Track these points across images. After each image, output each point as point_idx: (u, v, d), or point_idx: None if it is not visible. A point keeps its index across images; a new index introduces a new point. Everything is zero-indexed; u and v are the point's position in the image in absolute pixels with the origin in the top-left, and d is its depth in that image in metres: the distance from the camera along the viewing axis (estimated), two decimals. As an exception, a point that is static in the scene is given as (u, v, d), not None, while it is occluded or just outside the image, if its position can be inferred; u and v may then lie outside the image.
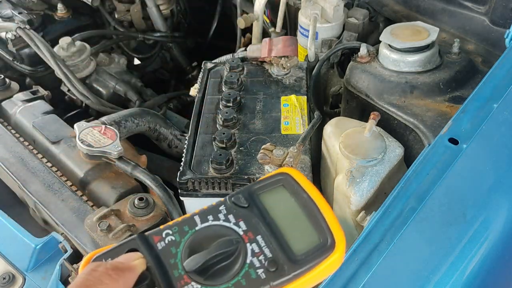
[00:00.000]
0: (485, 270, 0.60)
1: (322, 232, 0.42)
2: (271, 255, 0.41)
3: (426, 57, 0.93)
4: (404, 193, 0.64)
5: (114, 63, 1.53)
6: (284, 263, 0.40)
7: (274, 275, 0.40)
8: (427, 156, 0.68)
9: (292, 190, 0.45)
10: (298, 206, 0.44)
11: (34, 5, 1.44)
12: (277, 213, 0.43)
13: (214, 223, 0.43)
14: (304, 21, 1.17)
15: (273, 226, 0.42)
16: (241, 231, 0.42)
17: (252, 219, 0.43)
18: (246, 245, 0.41)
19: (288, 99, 0.98)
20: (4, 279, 0.85)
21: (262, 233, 0.42)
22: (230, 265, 0.41)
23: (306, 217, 0.43)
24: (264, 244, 0.41)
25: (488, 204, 0.62)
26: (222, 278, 0.40)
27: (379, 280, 0.56)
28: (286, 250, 0.41)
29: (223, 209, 0.44)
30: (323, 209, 0.43)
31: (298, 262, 0.40)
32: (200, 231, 0.43)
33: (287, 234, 0.42)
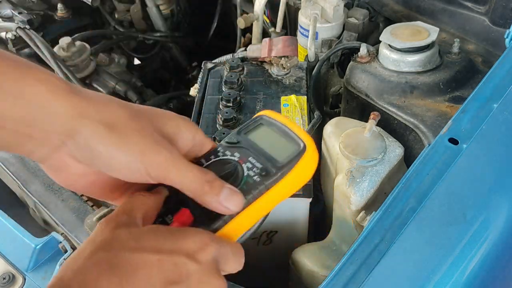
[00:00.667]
0: (485, 270, 0.60)
1: (295, 142, 0.55)
2: (261, 166, 0.54)
3: (426, 57, 0.93)
4: (404, 193, 0.64)
5: (114, 63, 1.53)
6: (272, 168, 0.53)
7: (265, 178, 0.52)
8: (427, 156, 0.68)
9: (268, 124, 0.58)
10: (274, 131, 0.57)
11: (34, 5, 1.44)
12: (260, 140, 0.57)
13: (216, 159, 0.55)
14: (304, 21, 1.17)
15: (259, 149, 0.56)
16: (236, 158, 0.55)
17: (243, 149, 0.56)
18: (242, 165, 0.54)
19: (288, 99, 0.98)
20: (4, 279, 0.85)
21: (252, 156, 0.55)
22: (234, 180, 0.53)
23: (281, 137, 0.56)
24: (255, 161, 0.54)
25: (488, 204, 0.62)
26: None
27: (379, 280, 0.56)
28: (271, 160, 0.54)
29: (221, 149, 0.56)
30: (292, 127, 0.56)
31: (282, 165, 0.53)
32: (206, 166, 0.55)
33: (270, 151, 0.55)
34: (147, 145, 0.46)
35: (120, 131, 0.45)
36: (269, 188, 0.52)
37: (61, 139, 0.44)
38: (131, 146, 0.45)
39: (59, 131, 0.44)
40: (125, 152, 0.45)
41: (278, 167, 0.53)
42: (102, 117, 0.45)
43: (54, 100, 0.43)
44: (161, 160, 0.46)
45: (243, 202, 0.50)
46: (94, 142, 0.44)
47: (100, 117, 0.44)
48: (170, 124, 0.50)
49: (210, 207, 0.49)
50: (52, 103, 0.43)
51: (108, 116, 0.45)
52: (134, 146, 0.45)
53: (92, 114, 0.44)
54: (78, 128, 0.44)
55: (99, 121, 0.44)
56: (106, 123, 0.44)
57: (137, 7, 1.61)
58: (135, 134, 0.45)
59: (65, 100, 0.43)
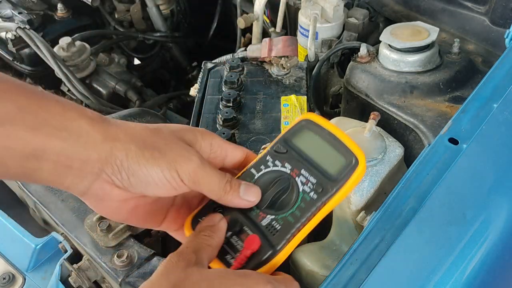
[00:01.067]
0: (485, 270, 0.60)
1: (346, 154, 0.54)
2: (315, 181, 0.54)
3: (426, 57, 0.93)
4: (404, 193, 0.64)
5: (114, 63, 1.53)
6: (326, 183, 0.53)
7: (322, 194, 0.53)
8: (427, 156, 0.68)
9: (314, 130, 0.57)
10: (323, 140, 0.56)
11: (34, 5, 1.44)
12: (309, 149, 0.56)
13: (267, 170, 0.56)
14: (304, 21, 1.17)
15: (309, 160, 0.55)
16: (288, 170, 0.55)
17: (293, 159, 0.56)
18: (295, 179, 0.55)
19: (288, 99, 0.98)
20: (4, 279, 0.85)
21: (304, 167, 0.55)
22: (289, 195, 0.54)
23: (331, 147, 0.55)
24: (308, 174, 0.54)
25: (488, 204, 0.62)
26: (287, 206, 0.54)
27: (379, 280, 0.56)
28: (324, 174, 0.54)
29: (269, 158, 0.57)
30: (341, 137, 0.56)
31: (336, 179, 0.53)
32: (259, 178, 0.56)
33: (322, 162, 0.55)
34: (177, 155, 0.49)
35: (150, 146, 0.49)
36: (325, 203, 0.53)
37: (99, 166, 0.47)
38: (162, 158, 0.49)
39: (96, 159, 0.47)
40: (159, 165, 0.48)
41: (333, 182, 0.53)
42: (131, 138, 0.49)
43: (91, 131, 0.47)
44: (193, 166, 0.50)
45: (260, 192, 0.54)
46: (129, 162, 0.48)
47: (130, 138, 0.49)
48: (188, 135, 0.53)
49: (233, 204, 0.53)
50: (90, 133, 0.47)
51: (137, 136, 0.49)
52: (165, 157, 0.49)
53: (123, 137, 0.48)
54: (113, 152, 0.47)
55: (130, 142, 0.48)
56: (136, 142, 0.49)
57: (137, 7, 1.61)
58: (164, 147, 0.49)
59: (99, 129, 0.48)
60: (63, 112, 0.46)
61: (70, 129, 0.46)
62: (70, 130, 0.46)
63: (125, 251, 0.74)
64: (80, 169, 0.47)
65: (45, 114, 0.45)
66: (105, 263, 0.74)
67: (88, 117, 0.48)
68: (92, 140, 0.47)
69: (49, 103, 0.46)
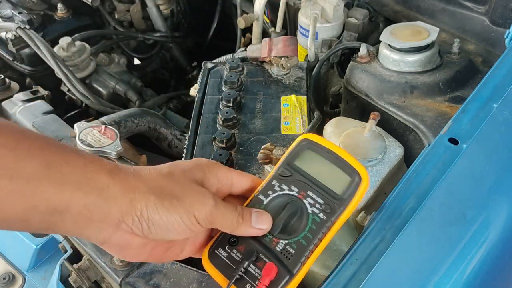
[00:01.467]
0: (485, 270, 0.60)
1: (349, 171, 0.56)
2: (323, 201, 0.55)
3: (426, 57, 0.93)
4: (404, 193, 0.64)
5: (114, 63, 1.53)
6: (334, 203, 0.55)
7: (331, 214, 0.54)
8: (427, 156, 0.68)
9: (315, 149, 0.58)
10: (325, 159, 0.57)
11: (34, 5, 1.44)
12: (313, 170, 0.57)
13: (274, 194, 0.57)
14: (304, 21, 1.17)
15: (314, 181, 0.57)
16: (295, 193, 0.56)
17: (298, 181, 0.57)
18: (303, 201, 0.56)
19: (288, 99, 0.98)
20: (4, 279, 0.85)
21: (310, 189, 0.56)
22: (300, 219, 0.55)
23: (334, 165, 0.57)
24: (315, 195, 0.56)
25: (488, 204, 0.62)
26: (298, 230, 0.55)
27: (379, 280, 0.56)
28: (331, 193, 0.55)
29: (276, 183, 0.58)
30: (342, 155, 0.57)
31: (342, 198, 0.55)
32: (267, 204, 0.57)
33: (327, 182, 0.56)
34: (193, 200, 0.52)
35: (168, 194, 0.51)
36: (334, 222, 0.55)
37: (119, 218, 0.49)
38: (180, 205, 0.51)
39: (117, 211, 0.49)
40: (178, 212, 0.50)
41: (340, 201, 0.55)
42: (149, 187, 0.50)
43: (112, 184, 0.48)
44: (209, 209, 0.52)
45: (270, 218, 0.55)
46: (149, 213, 0.49)
47: (148, 188, 0.50)
48: (197, 174, 0.55)
49: (247, 234, 0.55)
50: (110, 186, 0.48)
51: (154, 185, 0.51)
52: (183, 204, 0.51)
53: (141, 187, 0.50)
54: (133, 204, 0.49)
55: (148, 192, 0.50)
56: (154, 192, 0.50)
57: (137, 7, 1.61)
58: (180, 193, 0.51)
59: (118, 181, 0.49)
60: (84, 166, 0.48)
61: (92, 184, 0.48)
62: (92, 184, 0.48)
63: (125, 251, 0.74)
64: (101, 221, 0.49)
65: (69, 168, 0.47)
66: (105, 263, 0.74)
67: (107, 169, 0.49)
68: (112, 193, 0.48)
69: (72, 156, 0.48)
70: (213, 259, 0.56)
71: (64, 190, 0.46)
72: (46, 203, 0.45)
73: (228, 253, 0.56)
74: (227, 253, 0.56)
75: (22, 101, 1.14)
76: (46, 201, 0.45)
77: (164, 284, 0.68)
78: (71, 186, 0.46)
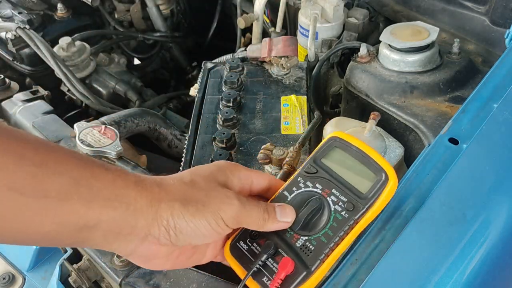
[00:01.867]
0: (485, 270, 0.60)
1: (376, 170, 0.55)
2: (346, 199, 0.55)
3: (426, 57, 0.93)
4: (404, 193, 0.64)
5: (114, 63, 1.53)
6: (357, 201, 0.54)
7: (353, 212, 0.54)
8: (427, 156, 0.68)
9: (343, 147, 0.58)
10: (352, 157, 0.57)
11: (34, 5, 1.44)
12: (339, 168, 0.57)
13: (299, 191, 0.57)
14: (304, 21, 1.17)
15: (340, 179, 0.56)
16: (319, 190, 0.56)
17: (323, 179, 0.57)
18: (327, 199, 0.56)
19: (288, 99, 0.98)
20: (4, 279, 0.85)
21: (334, 187, 0.56)
22: (322, 216, 0.55)
23: (361, 163, 0.56)
24: (339, 193, 0.55)
25: (488, 204, 0.62)
26: (319, 227, 0.55)
27: (379, 280, 0.56)
28: (355, 192, 0.55)
29: (301, 180, 0.58)
30: (370, 154, 0.56)
31: (367, 197, 0.54)
32: (291, 200, 0.57)
33: (352, 180, 0.56)
34: (219, 202, 0.52)
35: (192, 200, 0.51)
36: (357, 221, 0.54)
37: (146, 231, 0.49)
38: (207, 209, 0.51)
39: (144, 224, 0.49)
40: (205, 217, 0.51)
41: (363, 200, 0.54)
42: (173, 195, 0.51)
43: (139, 197, 0.49)
44: (235, 210, 0.52)
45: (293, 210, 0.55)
46: (175, 220, 0.50)
47: (172, 196, 0.50)
48: (220, 176, 0.55)
49: (273, 229, 0.55)
50: (137, 199, 0.49)
51: (178, 193, 0.51)
52: (209, 208, 0.51)
53: (165, 197, 0.50)
54: (159, 213, 0.49)
55: (173, 200, 0.50)
56: (179, 199, 0.51)
57: (137, 7, 1.61)
58: (205, 198, 0.52)
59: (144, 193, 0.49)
60: (113, 181, 0.48)
61: (120, 199, 0.48)
62: (120, 199, 0.48)
63: (125, 251, 0.74)
64: (129, 234, 0.49)
65: (97, 184, 0.47)
66: (105, 263, 0.74)
67: (133, 182, 0.49)
68: (139, 206, 0.49)
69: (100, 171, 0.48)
70: (234, 251, 0.57)
71: (94, 207, 0.46)
72: (75, 220, 0.45)
73: (248, 246, 0.57)
74: (248, 246, 0.57)
75: (22, 101, 1.14)
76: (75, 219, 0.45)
77: (164, 284, 0.68)
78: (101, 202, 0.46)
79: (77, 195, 0.45)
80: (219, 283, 0.66)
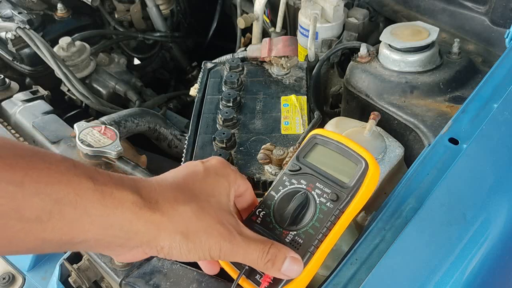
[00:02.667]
0: (485, 270, 0.60)
1: (356, 160, 0.57)
2: (330, 191, 0.56)
3: (426, 57, 0.93)
4: (404, 193, 0.64)
5: (114, 63, 1.53)
6: (341, 191, 0.56)
7: (337, 202, 0.55)
8: (427, 156, 0.68)
9: (323, 143, 0.60)
10: (332, 150, 0.59)
11: (34, 5, 1.44)
12: (322, 162, 0.59)
13: (285, 189, 0.59)
14: (304, 21, 1.17)
15: (323, 172, 0.58)
16: (304, 186, 0.58)
17: (307, 175, 0.59)
18: (312, 193, 0.57)
19: (288, 99, 0.98)
20: (4, 279, 0.85)
21: (318, 180, 0.58)
22: (308, 209, 0.57)
23: (341, 155, 0.58)
24: (323, 186, 0.57)
25: (488, 204, 0.62)
26: (307, 220, 0.56)
27: (379, 280, 0.56)
28: (338, 183, 0.57)
29: (286, 179, 0.60)
30: (349, 145, 0.58)
31: (349, 186, 0.56)
32: (277, 199, 0.59)
33: (335, 172, 0.58)
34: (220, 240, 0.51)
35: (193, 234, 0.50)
36: (343, 211, 0.56)
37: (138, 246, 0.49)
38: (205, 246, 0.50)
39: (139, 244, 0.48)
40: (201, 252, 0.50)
41: (347, 189, 0.56)
42: (176, 227, 0.49)
43: (135, 219, 0.47)
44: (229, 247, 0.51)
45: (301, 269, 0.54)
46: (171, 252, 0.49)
47: (175, 227, 0.49)
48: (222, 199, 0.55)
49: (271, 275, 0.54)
50: (133, 222, 0.47)
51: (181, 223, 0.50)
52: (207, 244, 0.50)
53: (168, 226, 0.49)
54: (157, 240, 0.48)
55: (175, 232, 0.49)
56: (181, 232, 0.49)
57: (137, 7, 1.61)
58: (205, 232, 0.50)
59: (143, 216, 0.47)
60: (102, 199, 0.45)
61: (112, 220, 0.45)
62: (112, 221, 0.45)
63: (125, 251, 0.74)
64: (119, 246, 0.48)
65: (83, 203, 0.44)
66: (105, 263, 0.74)
67: (130, 202, 0.47)
68: (135, 228, 0.47)
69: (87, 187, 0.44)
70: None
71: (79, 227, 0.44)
72: (59, 238, 0.44)
73: None
74: None
75: (22, 101, 1.14)
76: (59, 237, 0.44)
77: (164, 284, 0.68)
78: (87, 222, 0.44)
79: (60, 215, 0.42)
80: (219, 283, 0.66)
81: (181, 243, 0.49)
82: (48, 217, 0.42)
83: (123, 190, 0.47)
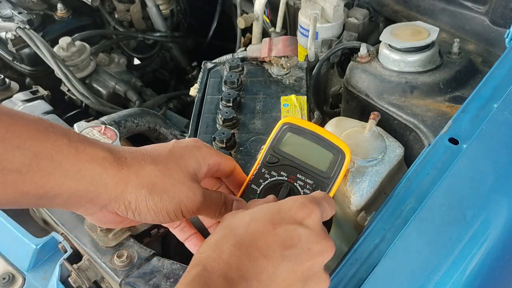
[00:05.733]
0: (485, 270, 0.60)
1: (332, 148, 0.59)
2: (312, 182, 0.58)
3: (426, 57, 0.93)
4: (404, 193, 0.64)
5: (114, 63, 1.53)
6: (322, 181, 0.58)
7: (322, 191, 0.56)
8: (427, 156, 0.68)
9: (296, 132, 0.61)
10: (307, 140, 0.60)
11: (34, 5, 1.44)
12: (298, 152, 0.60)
13: (266, 182, 0.60)
14: (304, 21, 1.17)
15: (301, 163, 0.59)
16: (285, 177, 0.59)
17: (286, 166, 0.60)
18: (294, 184, 0.58)
19: (288, 99, 0.98)
20: (4, 279, 0.85)
21: (298, 172, 0.59)
22: None
23: (317, 144, 0.60)
24: (304, 177, 0.58)
25: (488, 204, 0.62)
26: None
27: (379, 280, 0.56)
28: (317, 172, 0.59)
29: (265, 171, 0.60)
30: (323, 134, 0.60)
31: (329, 175, 0.58)
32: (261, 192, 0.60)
33: (313, 162, 0.59)
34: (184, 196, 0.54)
35: (159, 190, 0.52)
36: None
37: (107, 203, 0.52)
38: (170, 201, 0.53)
39: (106, 197, 0.51)
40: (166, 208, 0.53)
41: (328, 178, 0.59)
42: (142, 181, 0.52)
43: (104, 173, 0.50)
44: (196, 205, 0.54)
45: (246, 205, 0.56)
46: (138, 205, 0.52)
47: (141, 182, 0.52)
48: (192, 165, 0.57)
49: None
50: (102, 176, 0.50)
51: (147, 179, 0.52)
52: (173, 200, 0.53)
53: (134, 180, 0.52)
54: (123, 194, 0.51)
55: (141, 187, 0.52)
56: (147, 186, 0.52)
57: (137, 7, 1.61)
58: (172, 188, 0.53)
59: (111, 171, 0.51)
60: (76, 154, 0.49)
61: (83, 173, 0.49)
62: (83, 173, 0.49)
63: (125, 251, 0.74)
64: (88, 202, 0.51)
65: (59, 157, 0.48)
66: (105, 263, 0.74)
67: (100, 158, 0.51)
68: (103, 183, 0.50)
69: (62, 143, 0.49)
70: None
71: (54, 179, 0.48)
72: (36, 191, 0.47)
73: None
74: None
75: (22, 101, 1.14)
76: (36, 190, 0.47)
77: (164, 284, 0.68)
78: (61, 175, 0.48)
79: (37, 167, 0.46)
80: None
81: (147, 197, 0.52)
82: (27, 169, 0.46)
83: (95, 148, 0.51)
